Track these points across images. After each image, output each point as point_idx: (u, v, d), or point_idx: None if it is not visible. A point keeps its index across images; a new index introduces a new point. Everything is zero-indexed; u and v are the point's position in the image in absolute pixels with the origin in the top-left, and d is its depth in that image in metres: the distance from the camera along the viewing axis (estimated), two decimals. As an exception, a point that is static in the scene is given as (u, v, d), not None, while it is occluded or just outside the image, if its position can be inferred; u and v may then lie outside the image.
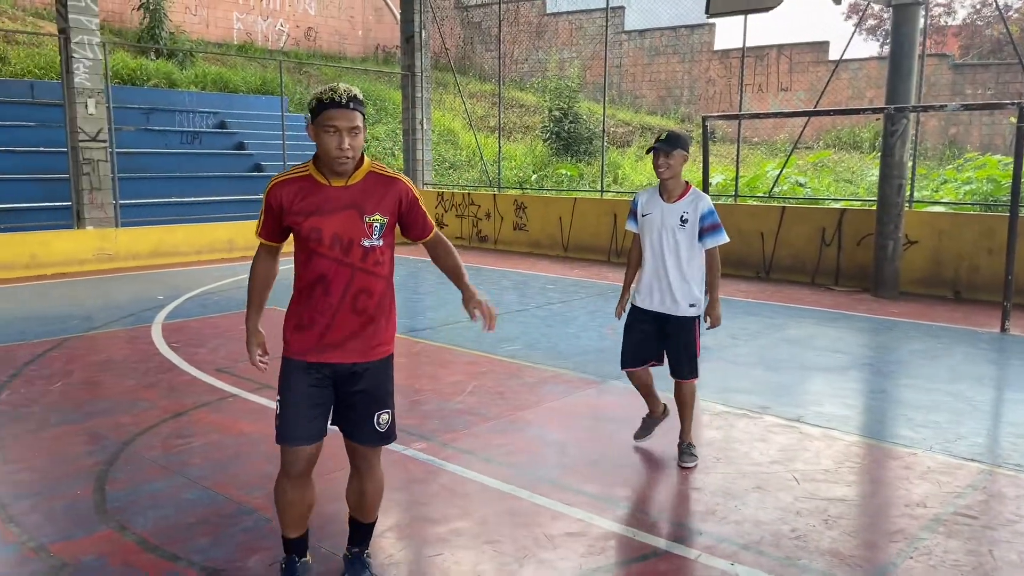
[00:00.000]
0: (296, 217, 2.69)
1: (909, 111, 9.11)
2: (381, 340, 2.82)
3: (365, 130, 2.67)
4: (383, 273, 2.78)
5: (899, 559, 3.33)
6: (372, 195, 2.69)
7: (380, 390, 2.85)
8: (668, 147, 4.10)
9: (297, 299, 2.81)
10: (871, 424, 5.19)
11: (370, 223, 2.67)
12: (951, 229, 9.64)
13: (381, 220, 2.70)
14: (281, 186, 2.73)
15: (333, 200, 2.66)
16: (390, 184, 2.74)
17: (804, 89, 19.72)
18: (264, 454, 4.45)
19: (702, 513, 3.75)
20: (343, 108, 2.55)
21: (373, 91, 22.03)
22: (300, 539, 3.01)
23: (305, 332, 2.76)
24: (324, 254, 2.68)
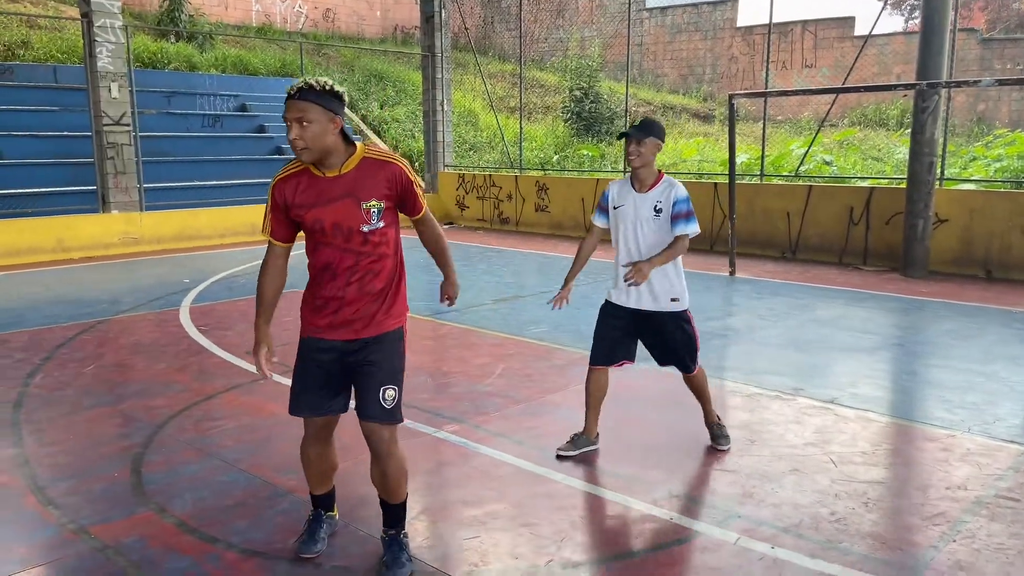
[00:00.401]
0: (299, 210, 2.80)
1: (942, 87, 8.92)
2: (389, 314, 2.93)
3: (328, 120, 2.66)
4: (387, 253, 2.88)
5: (942, 543, 3.28)
6: (365, 181, 2.77)
7: (387, 364, 2.90)
8: (640, 134, 3.86)
9: (310, 283, 2.95)
10: (906, 405, 5.12)
11: (367, 209, 2.77)
12: (982, 207, 9.46)
13: (378, 205, 2.78)
14: (283, 182, 2.83)
15: (329, 190, 2.76)
16: (383, 167, 2.80)
17: (829, 65, 19.40)
18: (296, 437, 4.42)
19: (739, 496, 3.72)
20: (291, 99, 2.65)
21: (392, 72, 21.94)
22: (325, 496, 3.23)
23: (319, 313, 2.92)
24: (328, 243, 2.81)
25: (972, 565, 3.10)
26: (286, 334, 6.77)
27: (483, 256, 11.55)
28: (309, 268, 2.92)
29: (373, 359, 2.89)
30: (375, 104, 19.93)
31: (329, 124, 2.66)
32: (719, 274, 9.80)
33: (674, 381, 5.52)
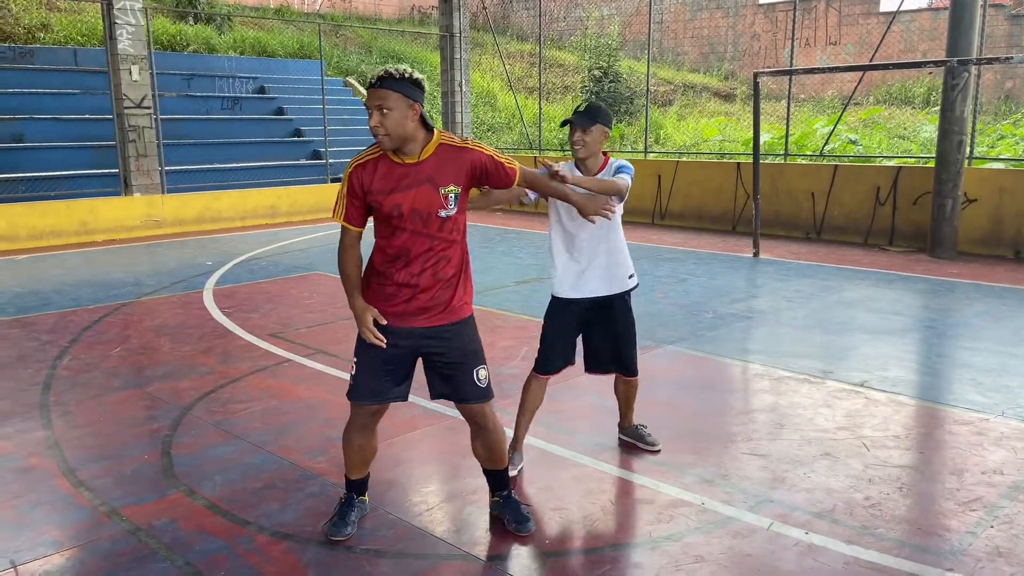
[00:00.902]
0: (378, 196, 2.80)
1: (972, 64, 8.72)
2: (464, 301, 2.99)
3: (407, 107, 2.69)
4: (457, 239, 2.93)
5: (979, 528, 3.23)
6: (445, 167, 2.80)
7: (471, 346, 3.01)
8: (586, 121, 3.46)
9: (381, 268, 2.92)
10: (938, 389, 5.04)
11: (445, 194, 2.80)
12: (1012, 186, 9.27)
13: (455, 190, 2.82)
14: (361, 168, 2.82)
15: (409, 176, 2.78)
16: (461, 154, 2.83)
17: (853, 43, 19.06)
18: (323, 419, 4.47)
19: (771, 480, 3.68)
20: (371, 87, 2.70)
21: (410, 53, 21.83)
22: (360, 481, 3.25)
23: (391, 301, 2.91)
24: (405, 228, 2.81)
25: (1011, 551, 3.05)
26: (310, 316, 6.79)
27: (503, 238, 11.50)
28: (378, 254, 2.93)
29: (457, 345, 2.96)
30: (393, 85, 19.85)
31: (408, 111, 2.69)
32: (743, 255, 9.70)
33: (703, 365, 5.47)
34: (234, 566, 2.98)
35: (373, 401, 3.02)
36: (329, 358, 5.61)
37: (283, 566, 2.99)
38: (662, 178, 12.57)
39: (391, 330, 2.91)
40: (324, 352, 5.76)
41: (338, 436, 4.18)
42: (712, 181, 11.98)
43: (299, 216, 13.56)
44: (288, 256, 9.96)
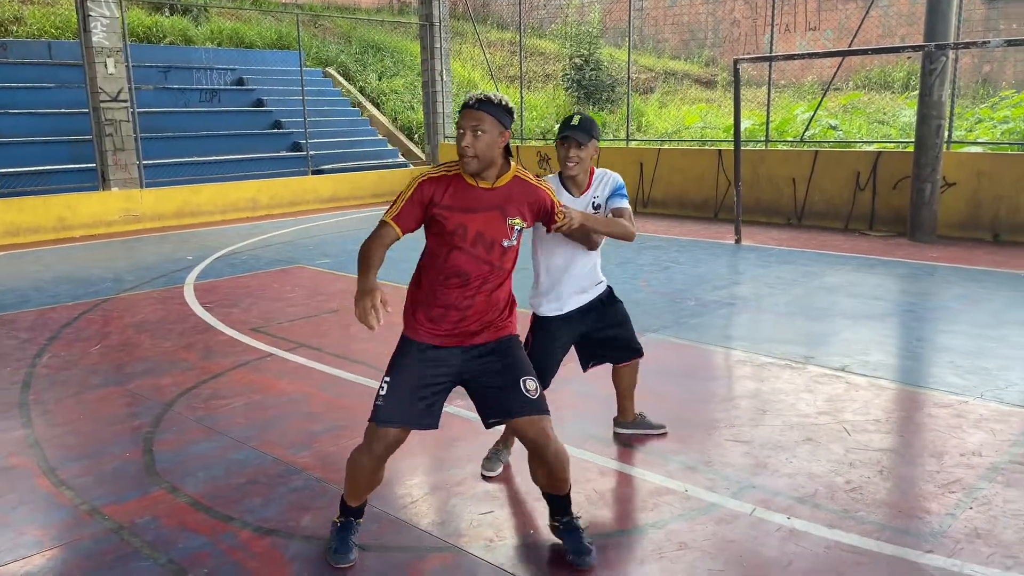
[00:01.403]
0: (443, 211, 2.75)
1: (950, 48, 8.78)
2: (510, 321, 2.96)
3: (499, 133, 2.68)
4: (510, 268, 2.91)
5: (958, 510, 3.27)
6: (515, 200, 2.81)
7: (518, 358, 2.91)
8: (584, 136, 3.32)
9: (430, 288, 2.85)
10: (918, 372, 5.09)
11: (511, 225, 2.79)
12: (990, 170, 9.36)
13: (520, 224, 2.82)
14: (434, 181, 2.77)
15: (480, 200, 2.76)
16: (534, 192, 2.85)
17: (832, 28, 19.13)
18: (306, 414, 4.45)
19: (753, 466, 3.70)
20: (469, 108, 2.68)
21: (390, 42, 21.67)
22: (360, 506, 3.07)
23: (437, 322, 2.85)
24: (466, 250, 2.77)
25: (989, 532, 3.09)
26: (292, 310, 6.75)
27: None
28: (430, 271, 2.84)
29: (505, 360, 2.87)
30: (373, 75, 19.71)
31: (499, 137, 2.69)
32: (725, 242, 9.74)
33: (686, 352, 5.50)
34: (217, 563, 2.97)
35: (401, 425, 2.82)
36: (312, 352, 5.58)
37: (267, 561, 2.98)
38: (644, 166, 12.58)
39: (435, 351, 2.85)
40: (307, 346, 5.73)
41: (322, 430, 4.19)
42: (694, 168, 12.01)
43: (280, 209, 13.47)
44: (270, 250, 9.89)
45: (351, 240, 10.52)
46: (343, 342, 5.85)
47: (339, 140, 16.03)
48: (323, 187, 14.17)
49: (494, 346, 2.88)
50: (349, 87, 19.08)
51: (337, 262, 8.96)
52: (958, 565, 2.88)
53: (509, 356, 2.88)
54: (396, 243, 2.77)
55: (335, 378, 5.05)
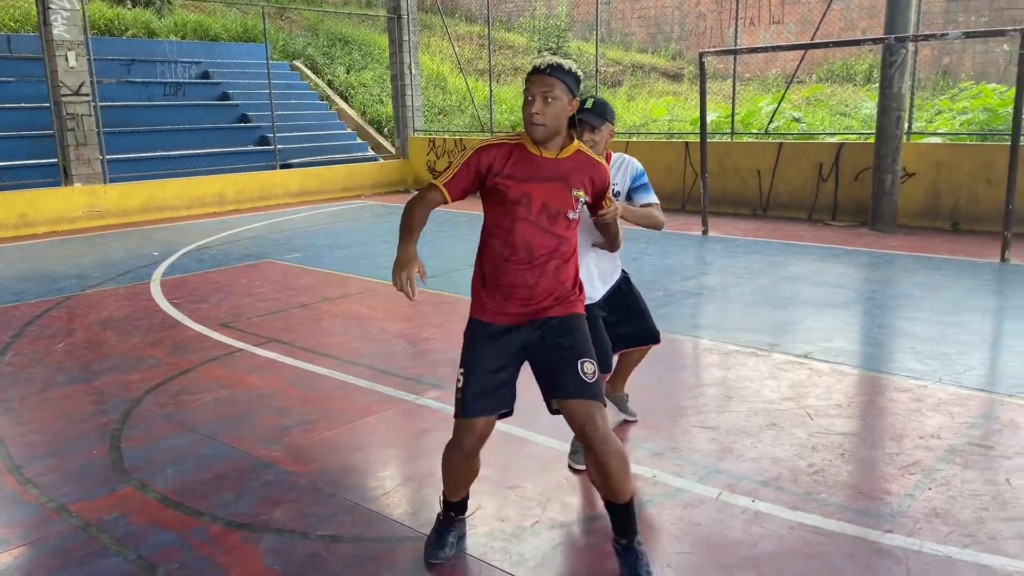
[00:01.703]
0: (506, 180, 2.65)
1: (909, 40, 8.95)
2: (576, 300, 2.81)
3: (568, 103, 2.61)
4: (575, 244, 2.79)
5: (917, 491, 3.37)
6: (580, 172, 2.70)
7: (582, 337, 2.74)
8: (598, 120, 3.31)
9: (495, 265, 2.73)
10: (879, 358, 5.21)
11: (576, 197, 2.68)
12: (949, 160, 9.57)
13: (584, 197, 2.72)
14: (494, 148, 2.68)
15: (544, 169, 2.66)
16: (596, 167, 2.73)
17: (796, 21, 19.36)
18: (276, 408, 4.45)
19: (719, 452, 3.78)
20: (540, 73, 2.58)
21: (358, 35, 21.51)
22: (462, 500, 2.99)
23: (505, 301, 2.72)
24: (532, 221, 2.66)
25: (947, 512, 3.19)
26: (262, 304, 6.71)
27: (456, 222, 11.47)
28: (495, 246, 2.71)
29: (569, 337, 2.71)
30: (341, 69, 19.55)
31: (568, 105, 2.61)
32: (692, 233, 9.85)
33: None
34: (188, 558, 2.97)
35: (485, 414, 2.73)
36: (282, 346, 5.56)
37: (238, 556, 2.98)
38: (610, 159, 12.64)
39: (506, 331, 2.73)
40: (277, 341, 5.71)
41: (292, 424, 4.19)
42: (661, 160, 12.11)
43: (248, 203, 13.34)
44: (238, 244, 9.80)
45: (321, 234, 10.46)
46: (314, 336, 5.83)
47: (307, 134, 15.90)
48: (292, 181, 14.06)
49: (560, 321, 2.73)
50: (317, 80, 18.92)
51: (307, 256, 8.91)
52: (917, 544, 2.97)
53: (574, 334, 2.72)
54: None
55: (306, 372, 5.04)
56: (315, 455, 3.83)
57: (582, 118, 3.29)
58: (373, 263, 8.51)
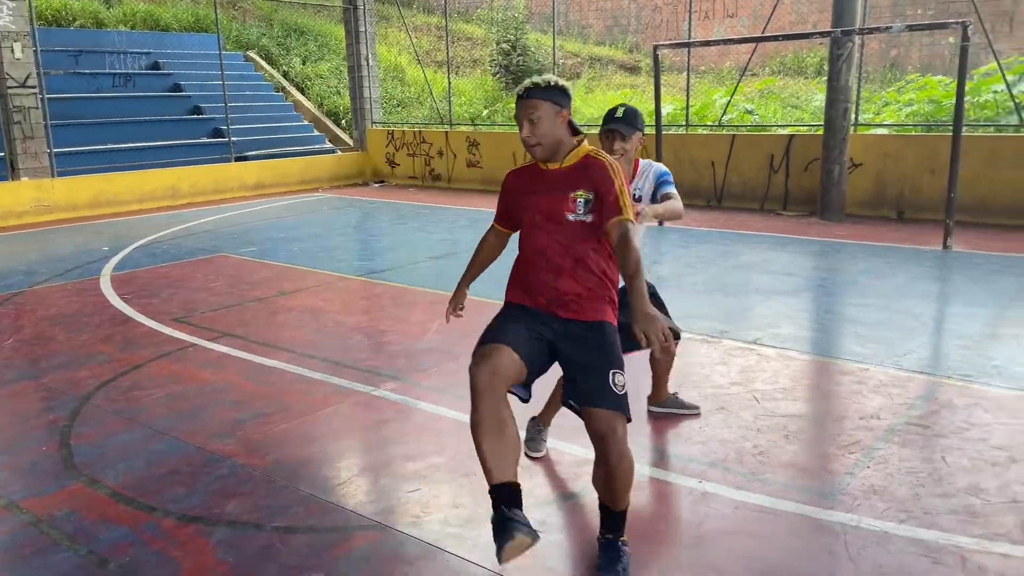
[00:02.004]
0: (518, 197, 2.92)
1: (855, 33, 9.17)
2: (604, 306, 2.80)
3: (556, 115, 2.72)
4: (593, 246, 2.77)
5: (856, 468, 3.50)
6: (580, 174, 2.77)
7: (613, 347, 2.74)
8: (628, 129, 3.38)
9: (523, 268, 2.90)
10: (824, 342, 5.37)
11: (574, 198, 2.74)
12: (895, 151, 9.84)
13: (585, 196, 2.74)
14: (516, 173, 2.99)
15: (549, 181, 2.81)
16: (595, 165, 2.77)
17: (748, 15, 19.65)
18: (230, 402, 4.43)
19: (670, 435, 3.87)
20: (521, 99, 2.75)
21: (313, 26, 21.26)
22: (505, 487, 2.57)
23: (531, 295, 2.84)
24: (540, 226, 2.81)
25: (885, 488, 3.32)
26: (216, 299, 6.64)
27: (416, 214, 11.46)
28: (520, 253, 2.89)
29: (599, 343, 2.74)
30: (296, 60, 19.32)
31: (556, 118, 2.73)
32: (649, 224, 9.97)
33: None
34: (139, 552, 2.96)
35: (500, 341, 2.72)
36: (236, 340, 5.52)
37: (191, 549, 2.98)
38: (570, 150, 12.75)
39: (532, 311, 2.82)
40: (231, 335, 5.67)
41: (246, 418, 4.19)
42: (618, 152, 12.22)
43: (202, 197, 13.15)
44: (192, 239, 9.67)
45: (277, 228, 10.36)
46: (269, 330, 5.80)
47: (263, 126, 15.70)
48: (247, 174, 13.88)
49: (590, 326, 2.75)
50: (272, 71, 18.67)
51: (263, 250, 8.83)
52: (855, 519, 3.09)
53: (606, 342, 2.73)
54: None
55: (260, 366, 5.02)
56: (270, 448, 3.84)
57: (612, 128, 3.39)
58: (330, 256, 8.47)
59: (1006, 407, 4.09)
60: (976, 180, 9.18)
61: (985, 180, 9.19)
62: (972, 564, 2.77)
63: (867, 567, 2.78)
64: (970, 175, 9.10)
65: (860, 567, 2.78)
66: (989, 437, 3.74)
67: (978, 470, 3.44)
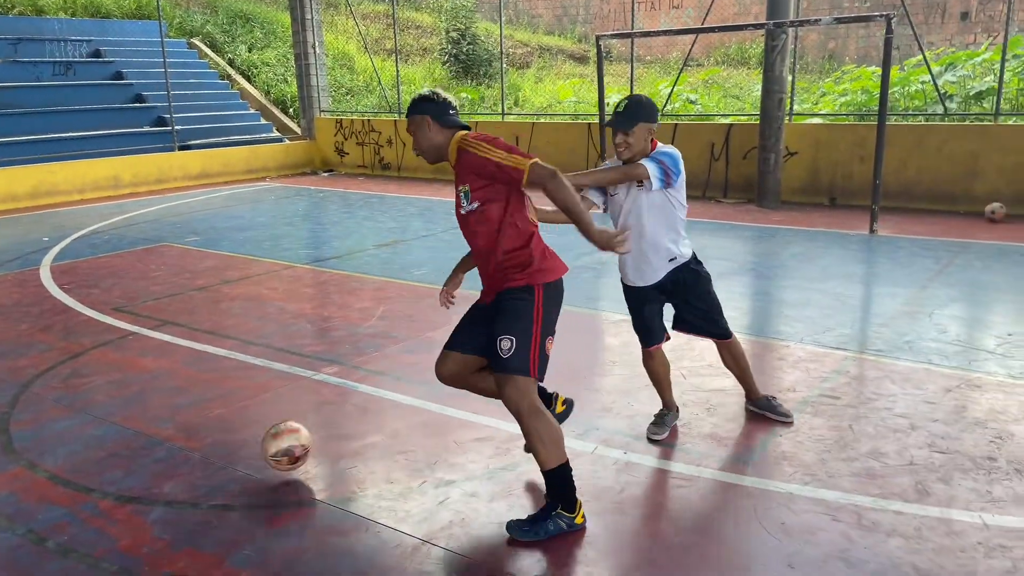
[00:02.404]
0: None
1: (788, 26, 9.46)
2: (509, 278, 3.01)
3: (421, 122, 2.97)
4: (493, 235, 2.98)
5: (770, 438, 3.72)
6: (461, 167, 2.97)
7: (503, 314, 2.97)
8: (626, 123, 3.42)
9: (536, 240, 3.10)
10: (753, 322, 5.62)
11: (458, 194, 3.00)
12: (827, 139, 10.20)
13: (464, 189, 2.97)
14: None
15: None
16: (463, 153, 2.93)
17: (693, 6, 19.99)
18: (170, 389, 4.48)
19: (599, 411, 4.05)
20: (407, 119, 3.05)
21: (259, 13, 20.97)
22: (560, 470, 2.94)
23: (483, 292, 3.18)
24: (462, 226, 3.10)
25: (794, 455, 3.54)
26: (157, 288, 6.63)
27: (365, 202, 11.49)
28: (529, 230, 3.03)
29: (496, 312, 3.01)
30: (243, 47, 19.06)
31: (427, 127, 2.96)
32: (594, 212, 10.16)
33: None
34: (78, 531, 3.03)
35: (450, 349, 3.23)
36: (178, 328, 5.55)
37: (128, 527, 3.06)
38: (519, 140, 12.89)
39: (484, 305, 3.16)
40: (173, 323, 5.69)
41: (186, 403, 4.25)
42: (566, 142, 12.42)
43: (145, 187, 12.96)
44: (134, 229, 9.57)
45: (221, 217, 10.31)
46: (212, 318, 5.84)
47: (208, 114, 15.48)
48: (191, 163, 13.72)
49: (497, 298, 3.03)
50: (217, 59, 18.40)
51: (207, 239, 8.80)
52: (764, 483, 3.31)
53: (501, 309, 2.98)
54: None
55: (202, 353, 5.07)
56: (208, 431, 3.91)
57: (608, 124, 3.50)
58: (276, 245, 8.48)
59: (912, 379, 4.37)
60: (903, 167, 9.58)
61: (912, 167, 9.60)
62: (867, 520, 3.01)
63: (771, 524, 2.99)
64: (897, 163, 9.50)
65: (765, 524, 2.99)
66: (894, 407, 4.01)
67: (881, 436, 3.69)
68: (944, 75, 11.48)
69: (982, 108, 11.10)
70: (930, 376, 4.40)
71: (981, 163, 9.22)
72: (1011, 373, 4.40)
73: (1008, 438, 3.63)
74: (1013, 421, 3.79)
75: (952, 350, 4.78)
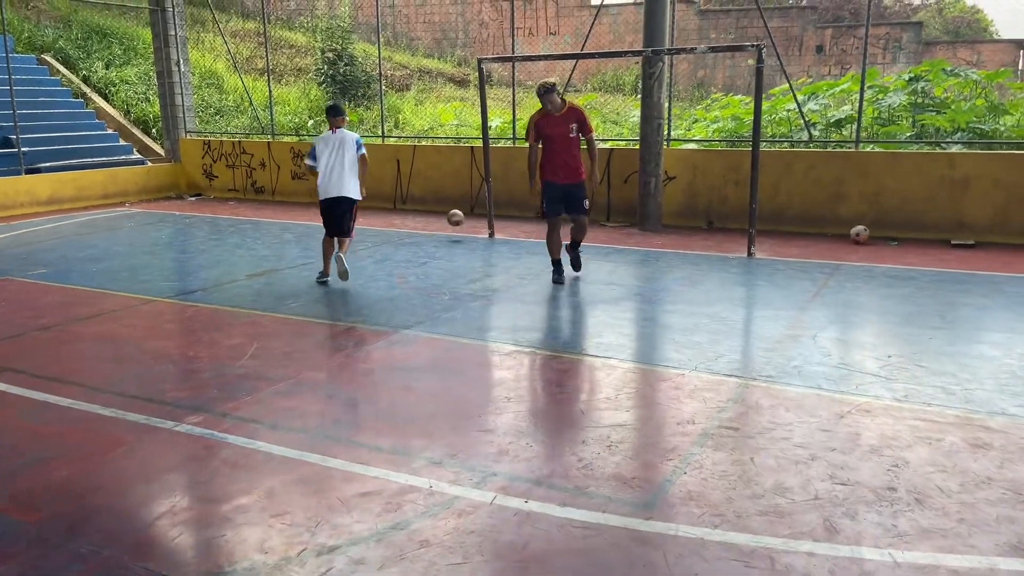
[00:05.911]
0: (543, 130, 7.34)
1: (664, 54, 9.66)
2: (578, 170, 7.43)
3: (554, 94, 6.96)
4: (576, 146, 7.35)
5: (675, 476, 3.58)
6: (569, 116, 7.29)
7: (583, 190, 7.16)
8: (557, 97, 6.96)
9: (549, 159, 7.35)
10: (644, 350, 5.54)
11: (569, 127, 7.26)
12: (703, 164, 10.47)
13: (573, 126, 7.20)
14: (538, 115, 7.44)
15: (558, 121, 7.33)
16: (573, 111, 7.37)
17: (571, 33, 20.39)
18: (3, 447, 3.87)
19: (496, 454, 3.80)
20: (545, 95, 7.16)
21: (118, 28, 19.68)
22: (559, 259, 7.48)
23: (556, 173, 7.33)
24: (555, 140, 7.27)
25: (700, 494, 3.41)
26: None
27: (236, 228, 10.81)
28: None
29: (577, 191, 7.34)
30: (99, 64, 17.79)
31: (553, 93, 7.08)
32: (480, 236, 9.99)
33: (438, 346, 5.52)
34: None
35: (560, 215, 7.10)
36: (16, 375, 4.88)
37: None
38: (400, 163, 12.56)
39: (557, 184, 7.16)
40: (10, 369, 5.01)
41: (22, 464, 3.70)
42: (449, 165, 12.19)
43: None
44: (-31, 261, 8.55)
45: (73, 246, 9.40)
46: (56, 363, 5.18)
47: (59, 135, 14.26)
48: (40, 187, 12.55)
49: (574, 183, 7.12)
50: (71, 76, 17.07)
51: (55, 272, 7.95)
52: (673, 528, 3.14)
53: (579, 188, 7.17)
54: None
55: (42, 403, 4.45)
56: (47, 500, 3.37)
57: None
58: (134, 277, 7.77)
59: (804, 406, 4.37)
60: (774, 191, 9.94)
61: (783, 191, 9.98)
62: (781, 565, 2.89)
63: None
64: (769, 187, 9.84)
65: (678, 577, 2.81)
66: (791, 436, 3.97)
67: (783, 469, 3.62)
68: (808, 103, 12.08)
69: (841, 135, 11.74)
70: (821, 402, 4.42)
71: (845, 187, 9.69)
72: (896, 396, 4.48)
73: (904, 465, 3.64)
74: (906, 447, 3.82)
75: (838, 374, 4.85)
